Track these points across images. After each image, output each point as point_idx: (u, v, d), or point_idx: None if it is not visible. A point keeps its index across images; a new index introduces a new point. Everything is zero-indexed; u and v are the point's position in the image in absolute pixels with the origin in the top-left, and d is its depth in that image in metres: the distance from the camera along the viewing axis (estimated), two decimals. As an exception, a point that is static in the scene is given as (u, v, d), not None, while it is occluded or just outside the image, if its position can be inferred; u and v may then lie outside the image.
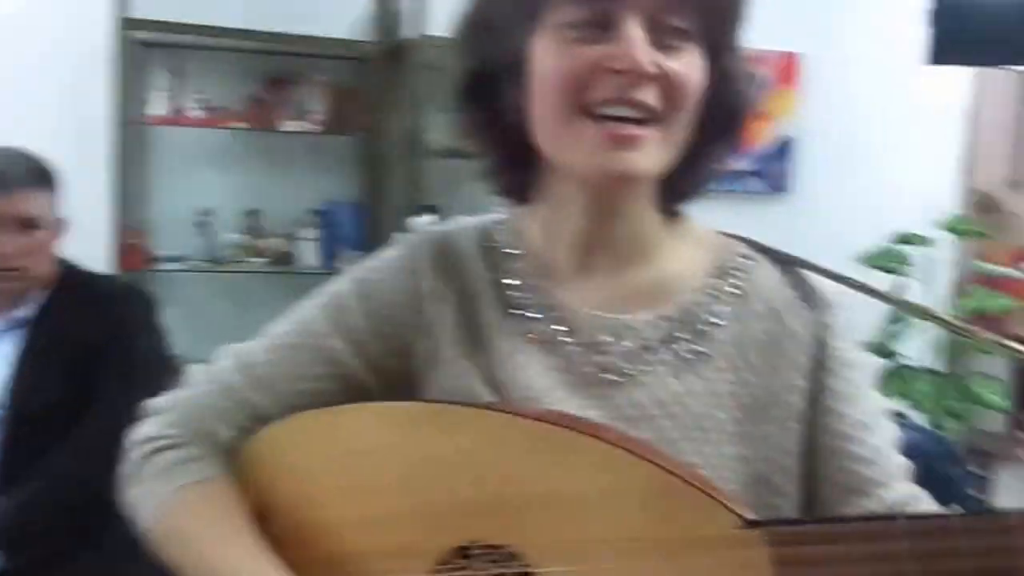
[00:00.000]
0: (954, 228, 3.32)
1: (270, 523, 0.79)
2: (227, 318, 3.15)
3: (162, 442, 0.83)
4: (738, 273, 0.82)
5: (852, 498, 0.78)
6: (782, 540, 0.65)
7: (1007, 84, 4.39)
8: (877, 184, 3.42)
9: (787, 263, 0.83)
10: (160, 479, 0.81)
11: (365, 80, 3.23)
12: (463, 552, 0.73)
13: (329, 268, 3.16)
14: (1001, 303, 3.25)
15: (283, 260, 3.19)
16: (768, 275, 0.82)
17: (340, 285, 0.85)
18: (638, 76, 0.71)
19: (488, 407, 0.77)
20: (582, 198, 0.78)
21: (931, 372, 3.27)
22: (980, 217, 3.72)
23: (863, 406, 0.80)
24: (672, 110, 0.73)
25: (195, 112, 3.13)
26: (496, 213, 0.87)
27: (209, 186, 3.23)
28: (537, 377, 0.78)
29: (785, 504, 0.78)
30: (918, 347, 3.25)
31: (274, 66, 3.21)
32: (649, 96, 0.72)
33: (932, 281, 3.23)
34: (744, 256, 0.83)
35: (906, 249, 3.20)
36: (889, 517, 0.67)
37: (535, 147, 0.78)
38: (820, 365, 0.79)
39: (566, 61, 0.72)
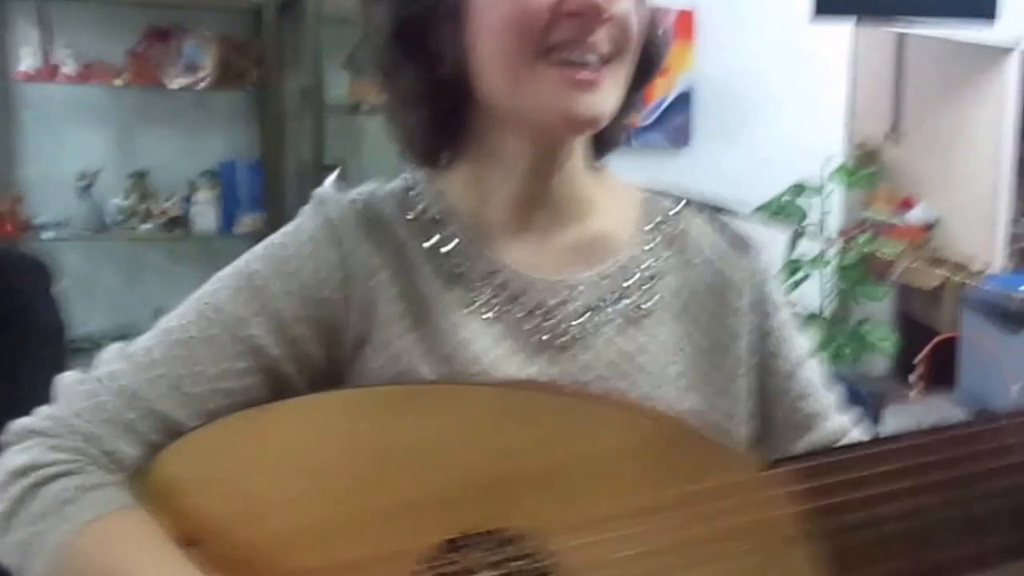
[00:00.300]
0: (841, 178, 3.47)
1: (204, 549, 0.67)
2: (116, 288, 2.95)
3: (50, 470, 0.67)
4: (670, 225, 0.80)
5: (802, 434, 0.79)
6: (805, 475, 0.64)
7: (887, 41, 4.61)
8: (771, 136, 3.53)
9: (710, 210, 0.83)
10: (53, 517, 0.65)
11: (258, 33, 3.07)
12: (452, 545, 0.66)
13: (227, 231, 3.02)
14: (888, 247, 3.42)
15: (177, 224, 3.01)
16: (697, 224, 0.81)
17: (252, 262, 0.74)
18: (594, 19, 0.69)
19: (458, 382, 0.71)
20: (527, 151, 0.74)
21: (823, 318, 3.42)
22: (864, 167, 3.90)
23: (796, 344, 0.81)
24: (621, 54, 0.72)
25: (68, 67, 2.89)
26: (407, 176, 0.80)
27: (89, 147, 3.01)
28: (487, 348, 0.73)
29: None
30: (810, 294, 3.39)
31: (155, 18, 3.01)
32: (603, 39, 0.70)
33: (824, 229, 3.38)
34: (671, 207, 0.82)
35: (800, 199, 3.31)
36: (899, 436, 0.66)
37: (466, 102, 0.73)
38: (758, 309, 0.79)
39: (520, 5, 0.68)
